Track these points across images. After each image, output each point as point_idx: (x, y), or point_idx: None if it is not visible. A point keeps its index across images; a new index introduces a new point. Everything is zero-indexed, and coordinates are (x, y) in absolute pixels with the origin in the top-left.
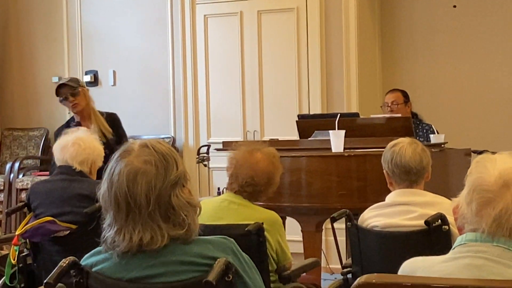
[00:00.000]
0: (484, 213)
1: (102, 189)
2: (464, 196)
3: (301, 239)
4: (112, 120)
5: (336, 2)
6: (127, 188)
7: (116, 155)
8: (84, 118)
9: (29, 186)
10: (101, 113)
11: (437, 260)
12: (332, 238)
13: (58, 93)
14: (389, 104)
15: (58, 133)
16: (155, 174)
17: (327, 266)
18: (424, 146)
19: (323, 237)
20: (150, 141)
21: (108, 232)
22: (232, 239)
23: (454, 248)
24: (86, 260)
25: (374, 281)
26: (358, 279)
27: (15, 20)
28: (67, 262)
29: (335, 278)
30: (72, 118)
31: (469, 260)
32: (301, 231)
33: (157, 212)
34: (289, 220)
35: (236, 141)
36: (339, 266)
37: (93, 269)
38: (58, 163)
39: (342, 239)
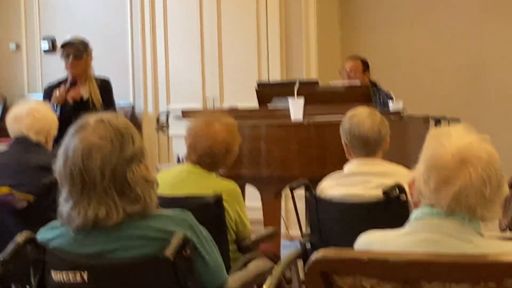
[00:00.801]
0: (443, 191)
1: (58, 164)
2: (422, 173)
3: (260, 205)
4: (104, 87)
5: None
6: (82, 164)
7: (71, 130)
8: (77, 81)
9: None
10: (95, 79)
11: (393, 234)
12: (292, 204)
13: (63, 47)
14: (347, 71)
15: (49, 90)
16: (110, 149)
17: (287, 232)
18: (382, 116)
19: (283, 203)
20: (106, 116)
21: (64, 206)
22: (189, 213)
23: (410, 222)
24: (43, 234)
25: (331, 256)
26: (315, 253)
27: None
28: (23, 238)
29: (295, 246)
30: (66, 80)
31: (426, 235)
32: (261, 198)
33: (113, 188)
34: (249, 186)
35: (194, 111)
36: (299, 233)
37: (50, 244)
38: (12, 135)
39: (303, 205)
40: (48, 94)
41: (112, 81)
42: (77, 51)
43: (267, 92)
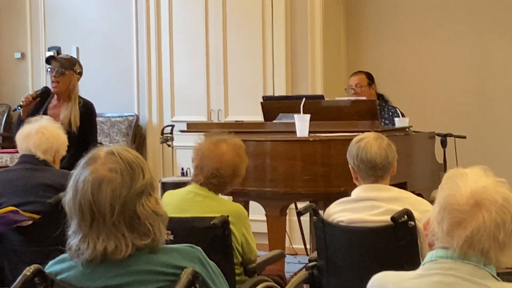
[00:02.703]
0: (455, 233)
1: (67, 197)
2: (435, 214)
3: (265, 218)
4: (86, 110)
5: None
6: (91, 196)
7: (82, 162)
8: (59, 98)
9: None
10: (79, 100)
11: (407, 276)
12: (296, 218)
13: (48, 61)
14: (353, 87)
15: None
16: (120, 182)
17: (291, 246)
18: (389, 141)
19: (287, 217)
20: (116, 149)
21: (73, 239)
22: (199, 247)
23: (424, 264)
24: (51, 267)
25: None
26: None
27: None
28: (31, 270)
29: (299, 261)
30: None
31: (439, 278)
32: (265, 215)
33: (122, 221)
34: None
35: (199, 124)
36: (302, 246)
37: (58, 277)
38: (21, 152)
39: (307, 221)
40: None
41: (117, 91)
42: (60, 66)
43: (273, 106)
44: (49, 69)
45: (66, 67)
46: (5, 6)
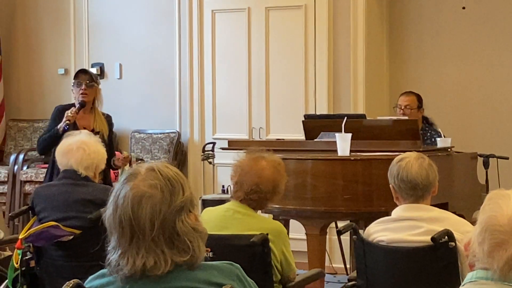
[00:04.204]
0: (496, 254)
1: (107, 212)
2: (477, 235)
3: (305, 237)
4: (109, 121)
5: (344, 1)
6: (131, 212)
7: (122, 178)
8: (85, 111)
9: (33, 178)
10: (102, 113)
11: None
12: (336, 237)
13: (76, 76)
14: (402, 107)
15: (61, 110)
16: (160, 198)
17: (331, 265)
18: (430, 161)
19: (327, 236)
20: (157, 165)
21: (112, 255)
22: (237, 265)
23: (464, 285)
24: (90, 282)
25: None
26: None
27: (22, 11)
28: (70, 285)
29: (338, 280)
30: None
31: None
32: (305, 234)
33: (161, 238)
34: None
35: (241, 141)
36: (342, 266)
37: None
38: (61, 168)
39: (346, 238)
40: (59, 114)
41: (159, 108)
42: (90, 79)
43: (314, 124)
44: (77, 82)
45: (94, 80)
46: (49, 23)
